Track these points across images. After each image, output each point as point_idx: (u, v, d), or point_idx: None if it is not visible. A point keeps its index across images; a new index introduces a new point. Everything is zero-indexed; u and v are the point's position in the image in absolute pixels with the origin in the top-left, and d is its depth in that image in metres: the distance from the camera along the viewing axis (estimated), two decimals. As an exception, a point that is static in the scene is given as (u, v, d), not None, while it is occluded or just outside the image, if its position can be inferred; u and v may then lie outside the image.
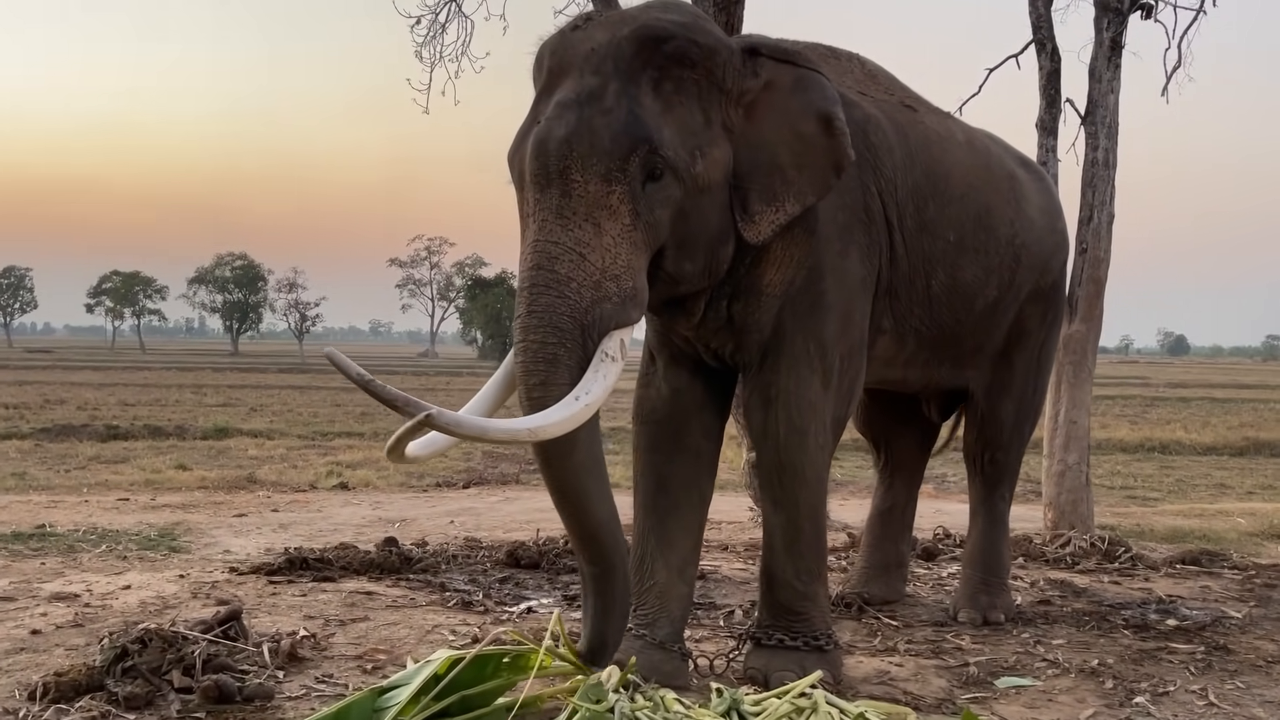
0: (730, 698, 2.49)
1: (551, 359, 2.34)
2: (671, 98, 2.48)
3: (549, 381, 2.34)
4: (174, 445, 14.11)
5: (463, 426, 2.24)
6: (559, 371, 2.34)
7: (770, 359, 2.77)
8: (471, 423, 2.29)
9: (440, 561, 4.40)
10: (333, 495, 8.12)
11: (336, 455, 12.86)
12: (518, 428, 2.29)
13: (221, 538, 5.75)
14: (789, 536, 2.82)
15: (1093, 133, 6.04)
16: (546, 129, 2.41)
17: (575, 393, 2.32)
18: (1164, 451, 15.69)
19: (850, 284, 2.82)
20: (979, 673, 3.01)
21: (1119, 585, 4.32)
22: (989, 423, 3.58)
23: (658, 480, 2.90)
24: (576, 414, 2.30)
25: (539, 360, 2.35)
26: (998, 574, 3.66)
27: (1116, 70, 6.03)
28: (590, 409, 2.33)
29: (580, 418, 2.31)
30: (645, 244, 2.44)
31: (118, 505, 7.12)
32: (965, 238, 3.12)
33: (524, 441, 2.33)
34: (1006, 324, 3.44)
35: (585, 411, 2.32)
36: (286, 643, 2.87)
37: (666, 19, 2.54)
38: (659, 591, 2.87)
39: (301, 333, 69.43)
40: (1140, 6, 6.08)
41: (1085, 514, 5.84)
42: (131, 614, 3.47)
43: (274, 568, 4.18)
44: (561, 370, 2.34)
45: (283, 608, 3.57)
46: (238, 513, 6.78)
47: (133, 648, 2.62)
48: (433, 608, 3.65)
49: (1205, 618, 3.71)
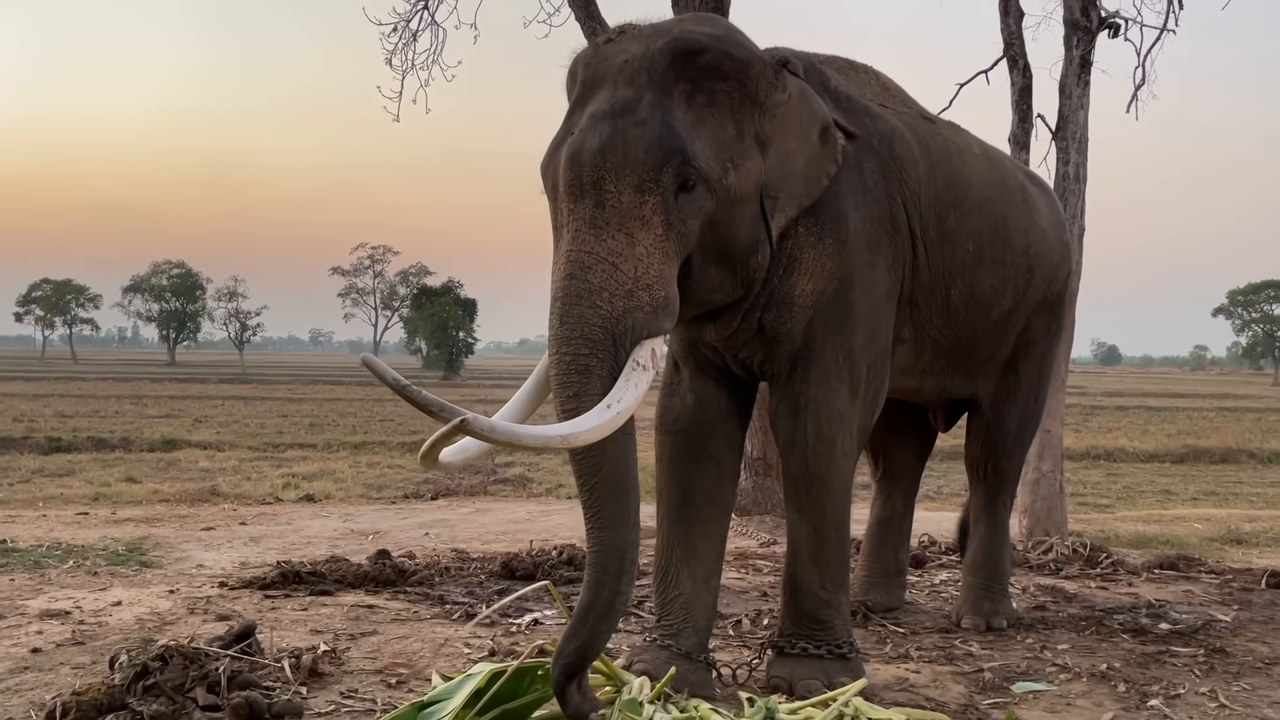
0: (765, 707, 2.49)
1: (584, 370, 2.35)
2: (704, 110, 2.49)
3: (582, 393, 2.34)
4: (120, 457, 13.82)
5: (496, 432, 2.22)
6: (591, 382, 2.34)
7: (800, 369, 2.78)
8: (505, 429, 2.26)
9: (434, 574, 4.35)
10: (300, 507, 7.99)
11: (291, 467, 12.70)
12: (550, 434, 2.28)
13: (192, 551, 5.63)
14: (814, 545, 2.84)
15: (1064, 147, 6.19)
16: (580, 140, 2.42)
17: (607, 400, 2.32)
18: (1109, 459, 16.09)
19: (877, 295, 2.85)
20: (995, 678, 3.05)
21: (1106, 590, 4.41)
22: (995, 431, 3.63)
23: (683, 491, 2.90)
24: (608, 422, 2.30)
25: (572, 372, 2.36)
26: (1000, 580, 3.72)
27: (1086, 87, 6.19)
28: (622, 417, 2.33)
29: (611, 425, 2.31)
30: (677, 254, 2.45)
31: (78, 520, 6.95)
32: (983, 248, 3.18)
33: (557, 448, 2.32)
34: (1016, 334, 3.50)
35: (617, 419, 2.32)
36: (308, 658, 2.81)
37: (700, 32, 2.56)
38: (684, 602, 2.87)
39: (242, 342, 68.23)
40: (1108, 25, 6.25)
41: (1060, 520, 5.98)
42: (130, 630, 3.38)
43: (267, 582, 4.09)
44: (594, 381, 2.34)
45: (286, 622, 3.51)
46: (205, 526, 6.64)
47: (154, 665, 2.55)
48: (438, 621, 3.61)
49: (1196, 621, 3.80)
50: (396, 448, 15.37)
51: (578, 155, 2.40)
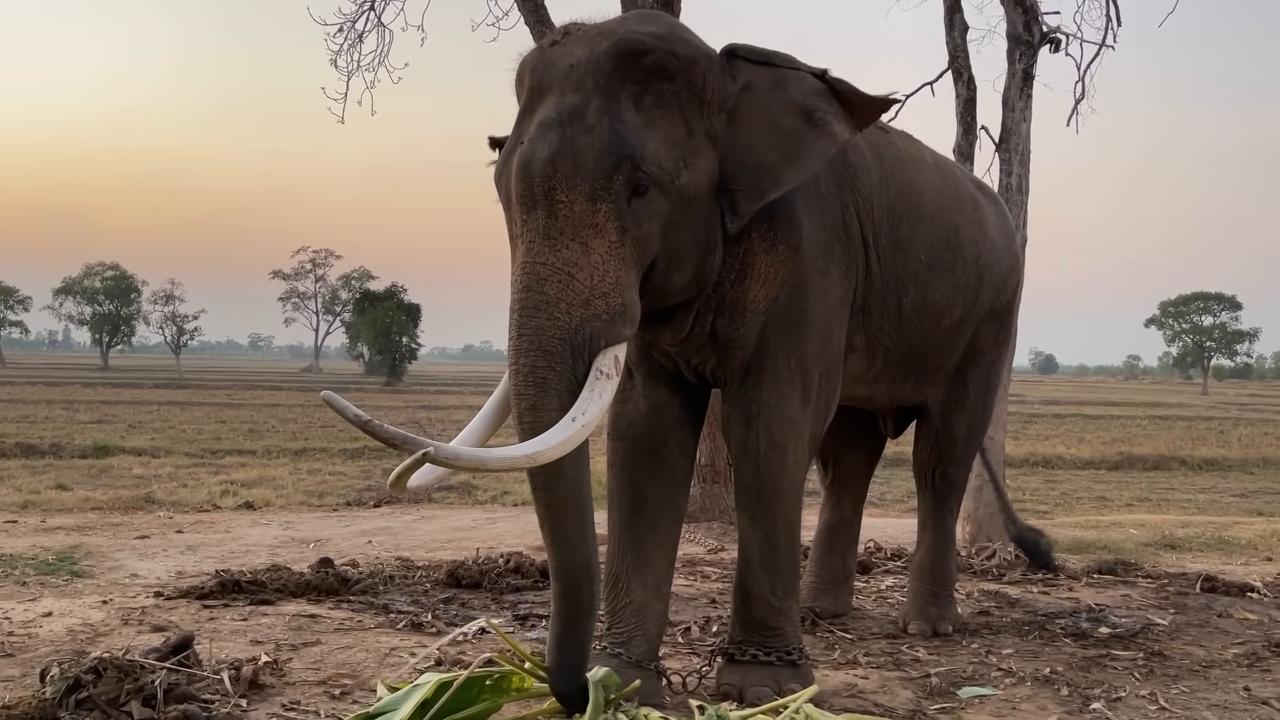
0: (715, 715, 2.48)
1: (541, 383, 2.33)
2: (653, 111, 2.48)
3: (539, 406, 2.33)
4: (50, 464, 13.42)
5: (461, 459, 2.21)
6: (549, 396, 2.33)
7: (752, 375, 2.78)
8: (470, 454, 2.25)
9: (378, 582, 4.28)
10: (239, 515, 7.81)
11: (229, 474, 12.41)
12: (516, 454, 2.26)
13: (126, 560, 5.47)
14: (766, 552, 2.84)
15: (1006, 159, 6.27)
16: (530, 149, 2.40)
17: (571, 414, 2.30)
18: (1047, 466, 16.34)
19: (831, 302, 2.86)
20: (941, 683, 3.08)
21: (1048, 595, 4.47)
22: (943, 439, 3.67)
23: (634, 498, 2.88)
24: (573, 435, 2.29)
25: (530, 384, 2.34)
26: (945, 586, 3.75)
27: (1028, 100, 6.29)
28: (587, 429, 2.32)
29: (577, 439, 2.30)
30: (634, 260, 2.43)
31: (6, 528, 6.72)
32: (935, 257, 3.20)
33: (523, 468, 2.30)
34: (965, 342, 3.53)
35: (582, 432, 2.31)
36: (248, 670, 2.74)
37: (644, 31, 2.54)
38: (635, 610, 2.84)
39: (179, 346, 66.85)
40: (1050, 41, 6.36)
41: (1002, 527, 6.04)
42: (61, 642, 3.27)
43: (205, 591, 3.99)
44: (551, 395, 2.33)
45: (225, 633, 3.42)
46: (139, 534, 6.46)
47: (86, 678, 2.46)
48: (383, 630, 3.55)
49: (1135, 625, 3.87)
50: (338, 454, 15.14)
51: (528, 166, 2.38)
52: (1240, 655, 3.49)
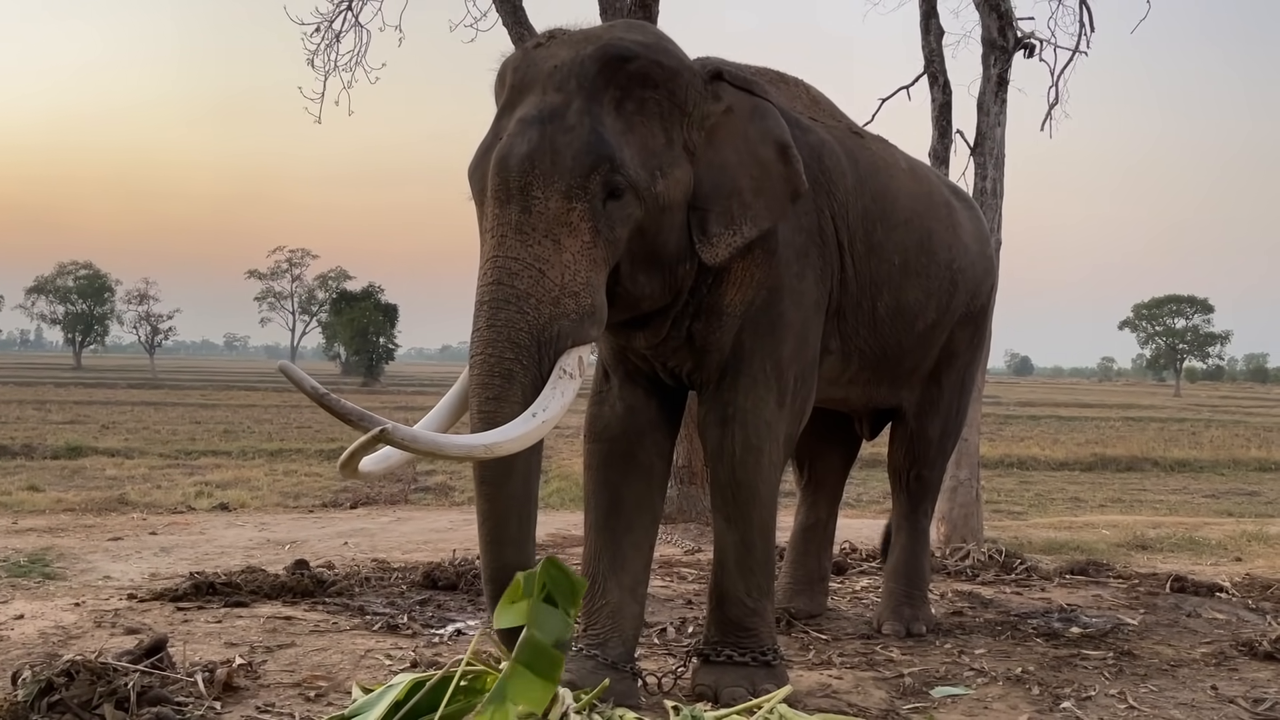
0: (690, 715, 2.49)
1: (507, 374, 2.33)
2: (633, 117, 2.50)
3: (502, 397, 2.33)
4: (22, 465, 13.28)
5: (418, 442, 2.19)
6: (513, 388, 2.33)
7: (728, 378, 2.80)
8: (427, 438, 2.24)
9: (354, 584, 4.26)
10: (214, 517, 7.76)
11: (204, 475, 12.34)
12: (474, 444, 2.25)
13: (99, 563, 5.42)
14: (741, 553, 2.86)
15: (981, 163, 6.33)
16: (508, 145, 2.40)
17: (533, 409, 2.31)
18: (1021, 467, 16.46)
19: (806, 305, 2.88)
20: (914, 683, 3.10)
21: (1020, 595, 4.51)
22: (918, 440, 3.70)
23: (611, 499, 2.89)
24: (533, 431, 2.29)
25: (495, 375, 2.34)
26: (920, 587, 3.78)
27: (1003, 105, 6.35)
28: (547, 426, 2.32)
29: (536, 435, 2.31)
30: (605, 261, 2.45)
31: (-25, 530, 6.65)
32: (909, 261, 3.23)
33: (480, 458, 2.29)
34: (939, 345, 3.56)
35: (542, 429, 2.31)
36: (222, 672, 2.72)
37: (630, 39, 2.56)
38: (611, 611, 2.85)
39: (153, 346, 66.25)
40: (1024, 46, 6.42)
41: (976, 527, 6.09)
42: (34, 645, 3.24)
43: (179, 593, 3.96)
44: (516, 387, 2.33)
45: (199, 635, 3.40)
46: (112, 536, 6.40)
47: (59, 681, 2.44)
48: (358, 632, 3.54)
49: (1106, 625, 3.91)
50: (314, 455, 15.05)
51: (505, 161, 2.39)
52: (1208, 655, 3.54)
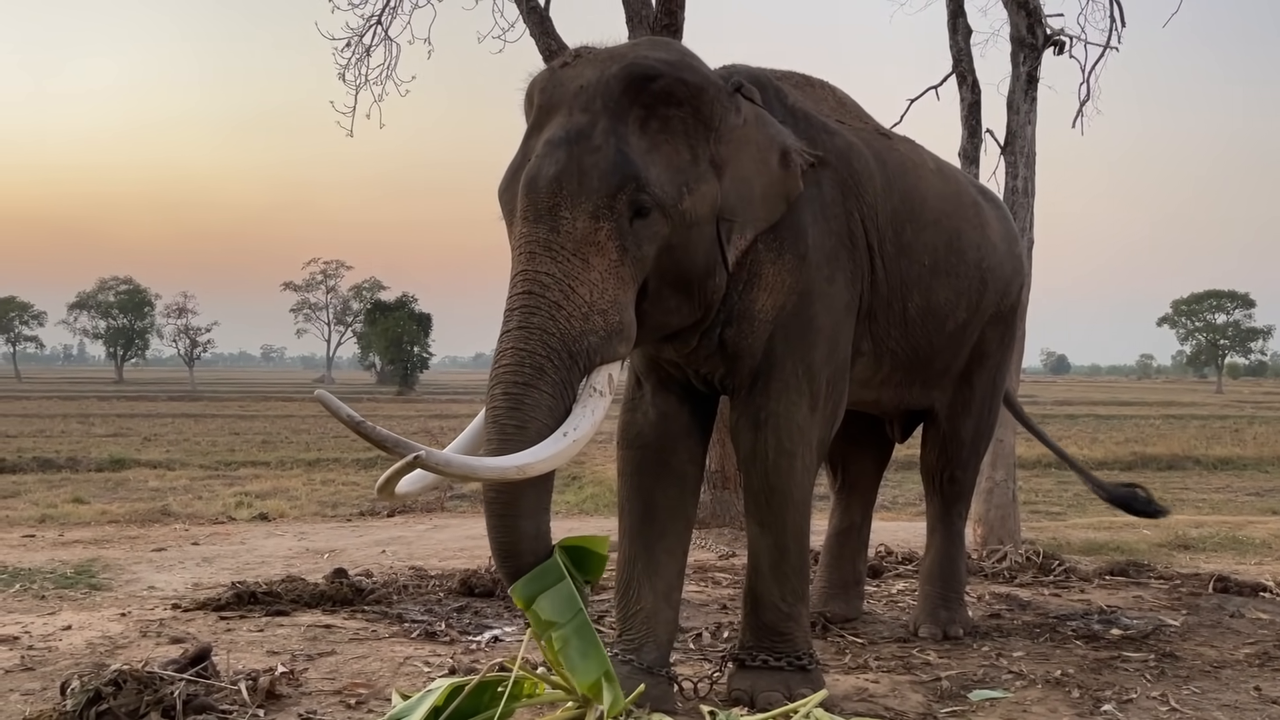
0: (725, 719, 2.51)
1: (539, 367, 2.31)
2: (658, 136, 2.51)
3: (533, 383, 2.30)
4: (67, 478, 13.50)
5: (451, 466, 2.21)
6: (544, 381, 2.31)
7: (760, 383, 2.81)
8: (460, 462, 2.25)
9: (392, 592, 4.31)
10: (254, 526, 7.87)
11: (244, 485, 12.49)
12: (505, 465, 2.25)
13: (143, 573, 5.51)
14: (774, 558, 2.87)
15: (1012, 162, 6.29)
16: (536, 167, 2.43)
17: (564, 428, 2.31)
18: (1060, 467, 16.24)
19: (837, 309, 2.89)
20: (952, 687, 3.09)
21: (1059, 597, 4.48)
22: (950, 442, 3.69)
23: (645, 506, 2.91)
24: (564, 450, 2.30)
25: (525, 365, 2.31)
26: (955, 589, 3.77)
27: (1033, 103, 6.30)
28: (578, 445, 2.33)
29: (568, 454, 2.32)
30: (633, 279, 2.45)
31: (24, 542, 6.77)
32: (939, 261, 3.23)
33: (512, 479, 2.27)
34: (970, 346, 3.56)
35: (573, 448, 2.32)
36: (265, 680, 2.77)
37: (654, 57, 2.58)
38: (646, 616, 2.87)
39: (192, 359, 67.15)
40: (1054, 43, 6.37)
41: (1013, 529, 6.04)
42: (81, 655, 3.31)
43: (221, 603, 4.03)
44: (546, 381, 2.31)
45: (242, 644, 3.46)
46: (156, 547, 6.51)
47: (107, 690, 2.50)
48: (397, 639, 3.58)
49: (1147, 626, 3.87)
50: (351, 465, 15.20)
51: (534, 182, 2.41)
52: (1252, 655, 3.50)
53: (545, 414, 2.29)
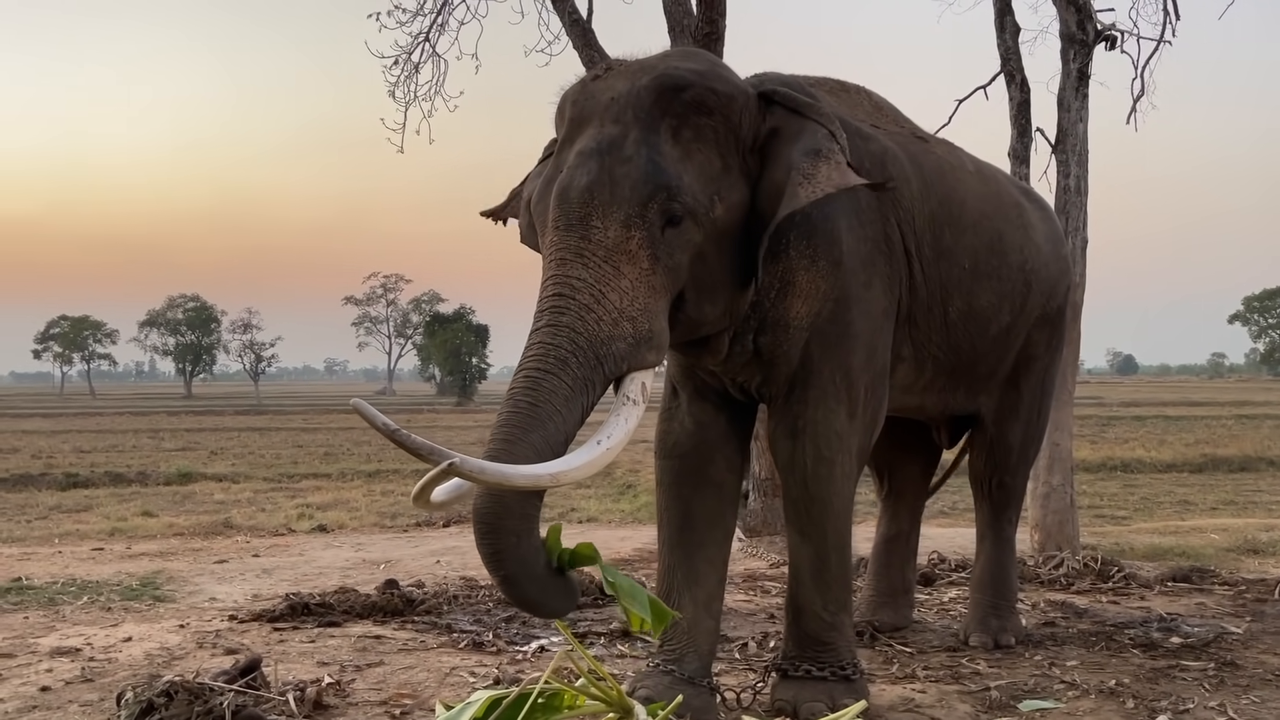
0: (766, 731, 2.49)
1: (562, 360, 2.29)
2: (690, 145, 2.50)
3: (554, 371, 2.27)
4: (137, 492, 13.87)
5: (486, 473, 2.18)
6: (566, 374, 2.28)
7: (797, 390, 2.79)
8: (494, 469, 2.22)
9: (442, 602, 4.36)
10: (312, 538, 8.00)
11: (305, 497, 12.71)
12: (540, 473, 2.23)
13: (205, 585, 5.63)
14: (816, 567, 2.85)
15: (1063, 160, 6.18)
16: (569, 178, 2.44)
17: (597, 436, 2.30)
18: (1125, 470, 15.92)
19: (874, 314, 2.86)
20: (1001, 697, 3.04)
21: (1118, 605, 4.38)
22: (998, 447, 3.63)
23: (683, 516, 2.91)
24: (597, 459, 2.29)
25: (550, 358, 2.29)
26: (1007, 597, 3.71)
27: (1084, 100, 6.20)
28: (611, 454, 2.31)
29: (601, 463, 2.30)
30: (664, 288, 2.44)
31: (93, 555, 6.96)
32: (980, 264, 3.19)
33: (546, 487, 2.26)
34: (1016, 349, 3.50)
35: (606, 456, 2.31)
36: (312, 691, 2.83)
37: (685, 68, 2.58)
38: (686, 626, 2.87)
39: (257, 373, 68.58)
40: (1105, 38, 6.26)
41: (1071, 534, 5.93)
42: (139, 666, 3.39)
43: (276, 614, 4.11)
44: (568, 374, 2.28)
45: (293, 655, 3.52)
46: (218, 559, 6.65)
47: (159, 701, 2.57)
48: (444, 650, 3.62)
49: (1208, 634, 3.78)
50: (411, 475, 15.37)
51: (566, 193, 2.42)
52: (1317, 664, 3.39)
53: (561, 402, 2.26)
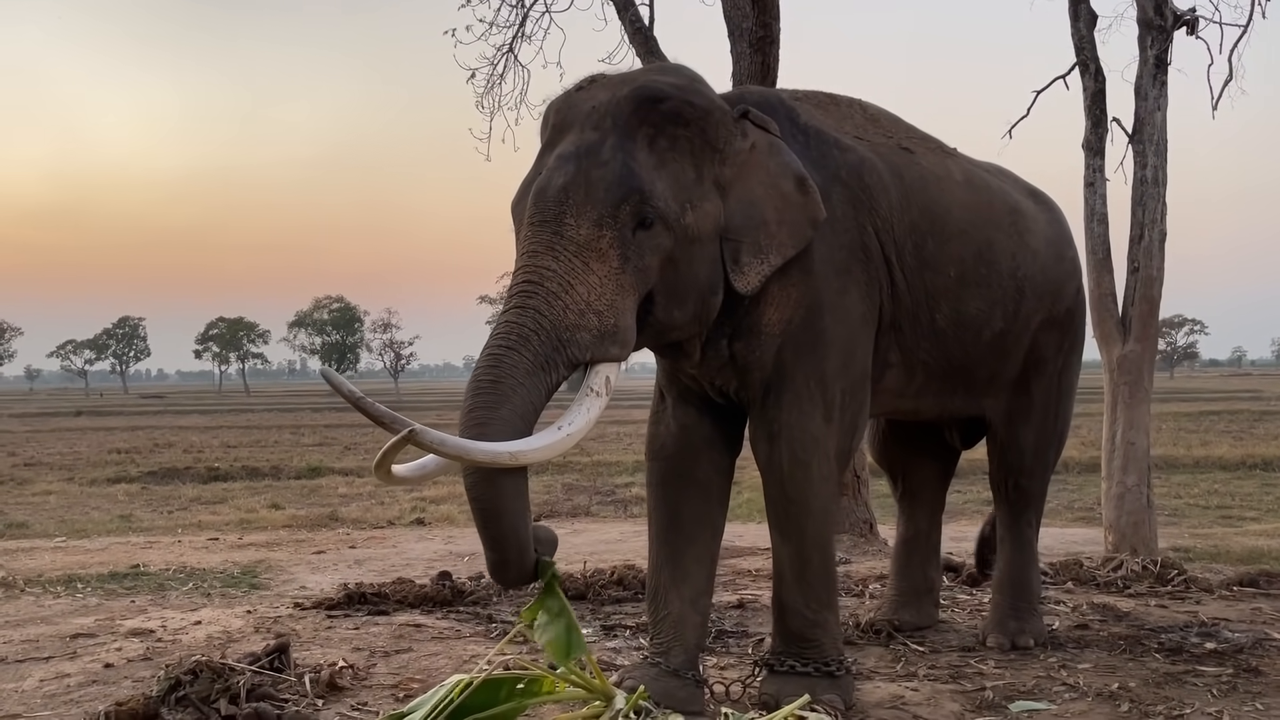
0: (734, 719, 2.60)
1: (523, 338, 2.39)
2: (665, 154, 2.62)
3: (516, 347, 2.37)
4: (269, 485, 14.68)
5: (446, 445, 2.26)
6: (526, 351, 2.37)
7: (773, 395, 2.88)
8: (455, 443, 2.29)
9: (492, 594, 4.58)
10: (409, 531, 8.41)
11: (422, 491, 13.20)
12: (499, 450, 2.31)
13: (299, 574, 6.01)
14: (797, 566, 2.93)
15: (1140, 151, 6.01)
16: (547, 178, 2.57)
17: (559, 423, 2.41)
18: (1266, 469, 15.10)
19: (851, 320, 2.93)
20: (994, 697, 3.05)
21: (1165, 609, 4.27)
22: (1010, 450, 3.62)
23: (670, 515, 3.03)
24: (558, 443, 2.38)
25: (511, 337, 2.39)
26: (1026, 599, 3.69)
27: (1163, 88, 6.01)
28: (572, 439, 2.42)
29: (561, 447, 2.39)
30: (633, 288, 2.54)
31: (207, 545, 7.50)
32: (967, 273, 3.21)
33: (505, 464, 2.31)
34: (1021, 353, 3.49)
35: (567, 441, 2.40)
36: (326, 673, 3.07)
37: (664, 81, 2.71)
38: (674, 621, 2.99)
39: (396, 371, 71.15)
40: (1184, 23, 6.04)
41: (1147, 536, 5.76)
42: (199, 648, 3.71)
43: (334, 602, 4.41)
44: (528, 351, 2.37)
45: (335, 640, 3.79)
46: (317, 550, 7.06)
47: (185, 679, 2.85)
48: (475, 639, 3.83)
49: (1245, 640, 3.67)
50: (539, 474, 15.79)
51: (543, 192, 2.55)
52: (1352, 674, 3.27)
53: (523, 375, 2.35)
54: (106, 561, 6.38)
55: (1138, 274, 5.93)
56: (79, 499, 12.84)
